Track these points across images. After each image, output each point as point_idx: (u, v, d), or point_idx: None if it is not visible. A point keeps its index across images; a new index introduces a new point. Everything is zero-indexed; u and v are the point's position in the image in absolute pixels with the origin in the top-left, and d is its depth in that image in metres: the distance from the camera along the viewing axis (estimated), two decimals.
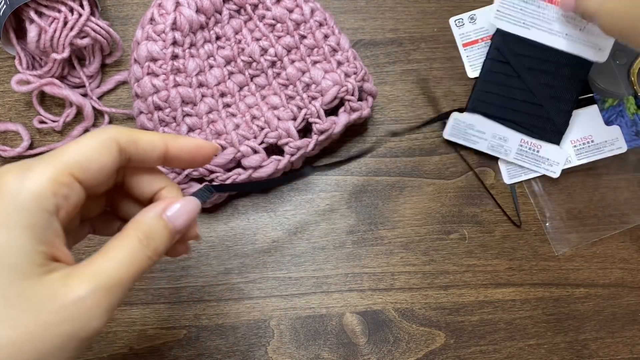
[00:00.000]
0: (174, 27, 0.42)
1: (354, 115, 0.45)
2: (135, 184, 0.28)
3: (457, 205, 0.47)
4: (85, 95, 0.47)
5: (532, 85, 0.46)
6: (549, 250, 0.47)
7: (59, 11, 0.43)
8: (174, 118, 0.42)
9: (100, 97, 0.48)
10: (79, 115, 0.47)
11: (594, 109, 0.48)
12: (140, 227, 0.26)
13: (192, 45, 0.43)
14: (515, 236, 0.47)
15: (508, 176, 0.48)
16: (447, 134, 0.47)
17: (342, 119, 0.44)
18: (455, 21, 0.51)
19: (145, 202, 0.29)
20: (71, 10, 0.44)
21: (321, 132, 0.44)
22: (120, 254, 0.25)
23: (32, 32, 0.43)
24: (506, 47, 0.46)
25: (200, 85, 0.43)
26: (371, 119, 0.49)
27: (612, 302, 0.46)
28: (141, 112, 0.42)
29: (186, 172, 0.41)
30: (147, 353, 0.42)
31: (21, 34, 0.46)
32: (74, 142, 0.25)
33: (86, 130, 0.46)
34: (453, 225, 0.47)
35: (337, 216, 0.46)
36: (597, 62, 0.46)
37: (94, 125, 0.47)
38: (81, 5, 0.44)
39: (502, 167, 0.48)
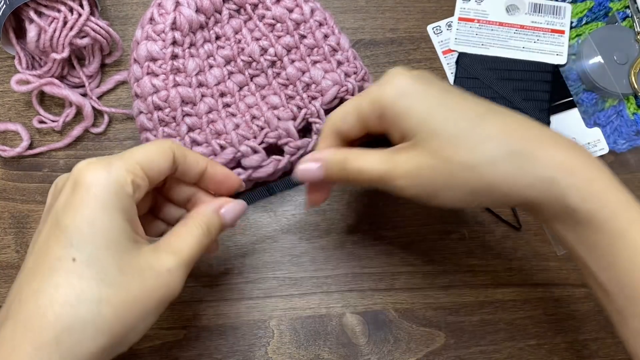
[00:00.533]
0: (174, 26, 0.42)
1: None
2: (176, 189, 0.35)
3: None
4: (85, 95, 0.47)
5: (505, 93, 0.48)
6: (549, 250, 0.47)
7: (59, 11, 0.43)
8: (174, 118, 0.42)
9: (100, 97, 0.48)
10: (79, 115, 0.47)
11: (574, 112, 0.48)
12: (203, 218, 0.33)
13: (191, 45, 0.43)
14: (516, 236, 0.47)
15: None
16: None
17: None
18: (433, 29, 0.51)
19: (182, 205, 0.36)
20: (71, 10, 0.44)
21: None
22: (191, 238, 0.32)
23: (31, 32, 0.43)
24: (472, 66, 0.49)
25: (200, 85, 0.43)
26: None
27: None
28: (141, 112, 0.42)
29: None
30: (147, 353, 0.42)
31: (21, 34, 0.46)
32: (140, 146, 0.32)
33: (86, 130, 0.46)
34: (453, 225, 0.47)
35: (337, 216, 0.46)
36: (557, 64, 0.49)
37: (94, 125, 0.47)
38: (81, 5, 0.44)
39: None
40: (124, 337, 0.29)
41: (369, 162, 0.33)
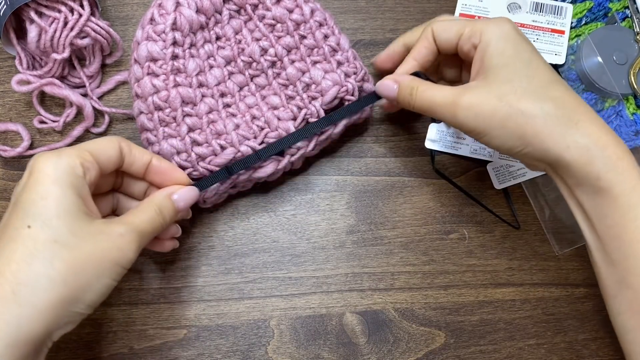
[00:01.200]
0: (174, 27, 0.42)
1: (354, 116, 0.45)
2: (131, 185, 0.39)
3: (456, 205, 0.47)
4: (85, 95, 0.47)
5: None
6: (549, 250, 0.47)
7: (59, 11, 0.44)
8: (174, 118, 0.42)
9: (100, 97, 0.48)
10: (79, 115, 0.47)
11: None
12: (155, 201, 0.36)
13: (192, 45, 0.43)
14: (515, 236, 0.47)
15: (498, 181, 0.47)
16: (428, 144, 0.47)
17: (342, 121, 0.44)
18: None
19: (140, 198, 0.39)
20: (71, 10, 0.44)
21: (321, 133, 0.44)
22: (142, 214, 0.35)
23: (32, 32, 0.43)
24: None
25: (201, 85, 0.43)
26: (371, 119, 0.49)
27: None
28: (141, 112, 0.42)
29: (187, 171, 0.41)
30: (147, 353, 0.42)
31: (21, 34, 0.46)
32: (90, 140, 0.36)
33: (86, 130, 0.46)
34: (453, 225, 0.47)
35: (337, 216, 0.46)
36: (556, 64, 0.49)
37: (94, 125, 0.47)
38: (81, 6, 0.44)
39: (491, 172, 0.48)
40: (80, 292, 0.31)
41: (439, 91, 0.38)
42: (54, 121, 0.46)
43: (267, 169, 0.43)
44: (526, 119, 0.35)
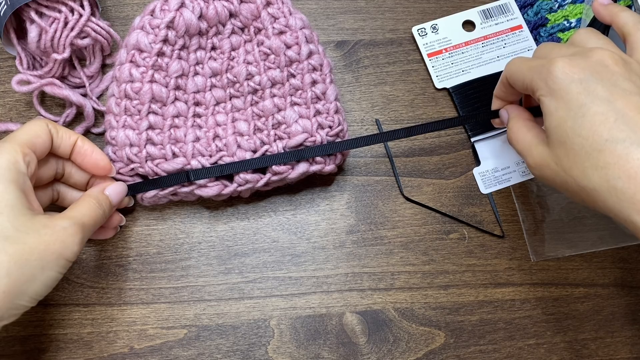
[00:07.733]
0: (170, 25, 0.42)
1: (314, 168, 0.43)
2: (74, 174, 0.41)
3: (456, 205, 0.47)
4: (85, 95, 0.47)
5: None
6: None
7: (60, 11, 0.44)
8: (139, 111, 0.42)
9: (100, 96, 0.48)
10: (80, 115, 0.47)
11: None
12: (92, 194, 0.38)
13: (183, 47, 0.43)
14: (515, 236, 0.47)
15: (484, 185, 0.47)
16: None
17: (300, 168, 0.43)
18: (418, 30, 0.51)
19: (82, 189, 0.41)
20: (72, 10, 0.44)
21: (275, 173, 0.43)
22: (85, 209, 0.37)
23: (32, 32, 0.43)
24: (468, 96, 0.49)
25: (178, 88, 0.43)
26: (371, 120, 0.49)
27: (612, 301, 0.46)
28: (113, 95, 0.43)
29: (132, 166, 0.42)
30: (147, 353, 0.42)
31: (22, 34, 0.46)
32: (20, 128, 0.36)
33: (87, 130, 0.46)
34: (453, 225, 0.47)
35: (337, 216, 0.46)
36: None
37: (94, 125, 0.47)
38: (82, 6, 0.44)
39: (477, 176, 0.48)
40: (24, 284, 0.32)
41: (522, 138, 0.39)
42: (54, 121, 0.46)
43: (211, 190, 0.42)
44: (580, 188, 0.33)
